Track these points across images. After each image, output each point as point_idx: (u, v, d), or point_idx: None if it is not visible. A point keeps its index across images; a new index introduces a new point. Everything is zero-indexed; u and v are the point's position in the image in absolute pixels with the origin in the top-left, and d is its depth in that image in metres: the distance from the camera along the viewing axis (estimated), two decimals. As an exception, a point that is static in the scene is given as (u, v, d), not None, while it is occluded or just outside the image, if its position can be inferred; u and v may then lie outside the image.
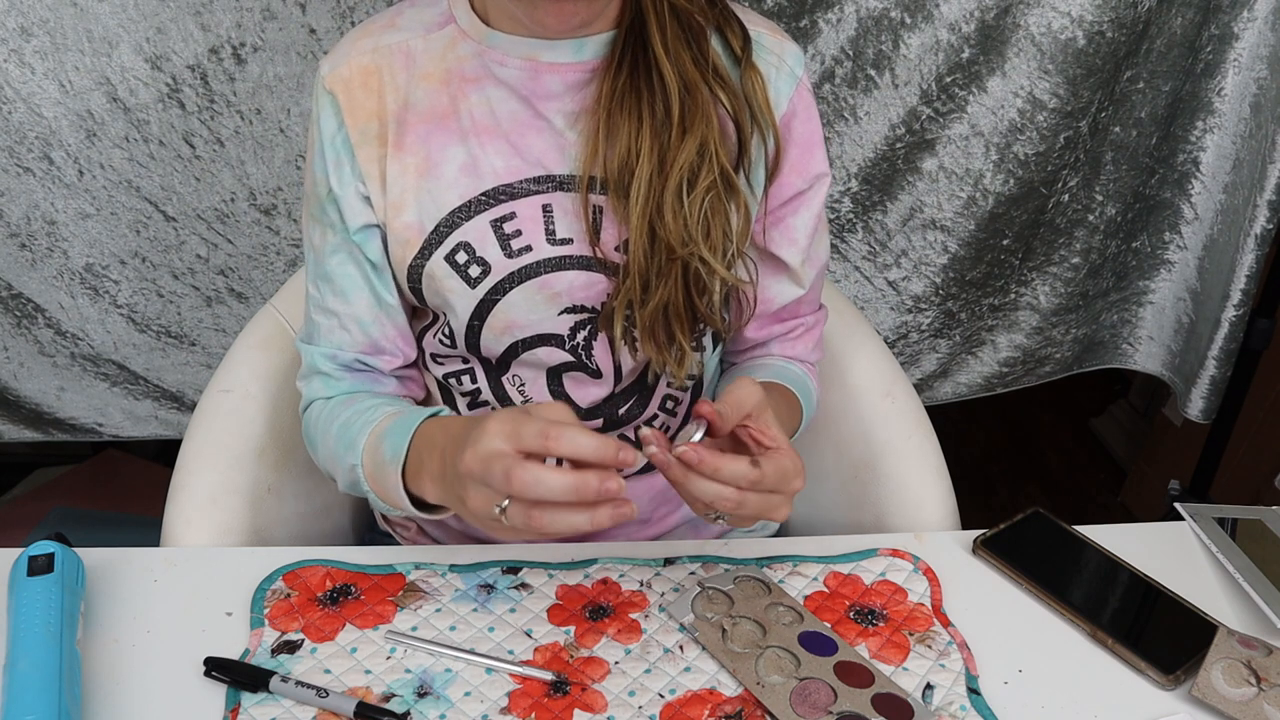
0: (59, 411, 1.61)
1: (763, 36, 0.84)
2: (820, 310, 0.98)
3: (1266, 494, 1.73)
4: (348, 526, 1.09)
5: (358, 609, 0.78)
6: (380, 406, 0.83)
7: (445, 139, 0.82)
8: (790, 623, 0.77)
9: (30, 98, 1.33)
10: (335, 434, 0.84)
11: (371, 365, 0.89)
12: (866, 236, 1.55)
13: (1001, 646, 0.77)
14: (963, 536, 0.87)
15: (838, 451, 1.05)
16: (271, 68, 1.35)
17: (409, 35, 0.82)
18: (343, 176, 0.83)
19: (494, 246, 0.82)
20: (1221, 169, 1.49)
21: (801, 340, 0.96)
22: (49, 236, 1.44)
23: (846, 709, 0.70)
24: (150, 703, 0.70)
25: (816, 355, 0.98)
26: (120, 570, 0.80)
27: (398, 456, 0.75)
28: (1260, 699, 0.71)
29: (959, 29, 1.36)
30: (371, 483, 0.80)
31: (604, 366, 0.87)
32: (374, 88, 0.82)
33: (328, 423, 0.86)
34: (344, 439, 0.83)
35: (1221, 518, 0.90)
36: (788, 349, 0.96)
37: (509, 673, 0.73)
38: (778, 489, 0.69)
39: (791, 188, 0.87)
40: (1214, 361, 1.55)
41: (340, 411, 0.85)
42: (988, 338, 1.67)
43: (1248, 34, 1.39)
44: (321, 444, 0.87)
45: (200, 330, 1.57)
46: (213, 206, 1.45)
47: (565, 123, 0.81)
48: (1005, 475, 2.20)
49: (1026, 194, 1.48)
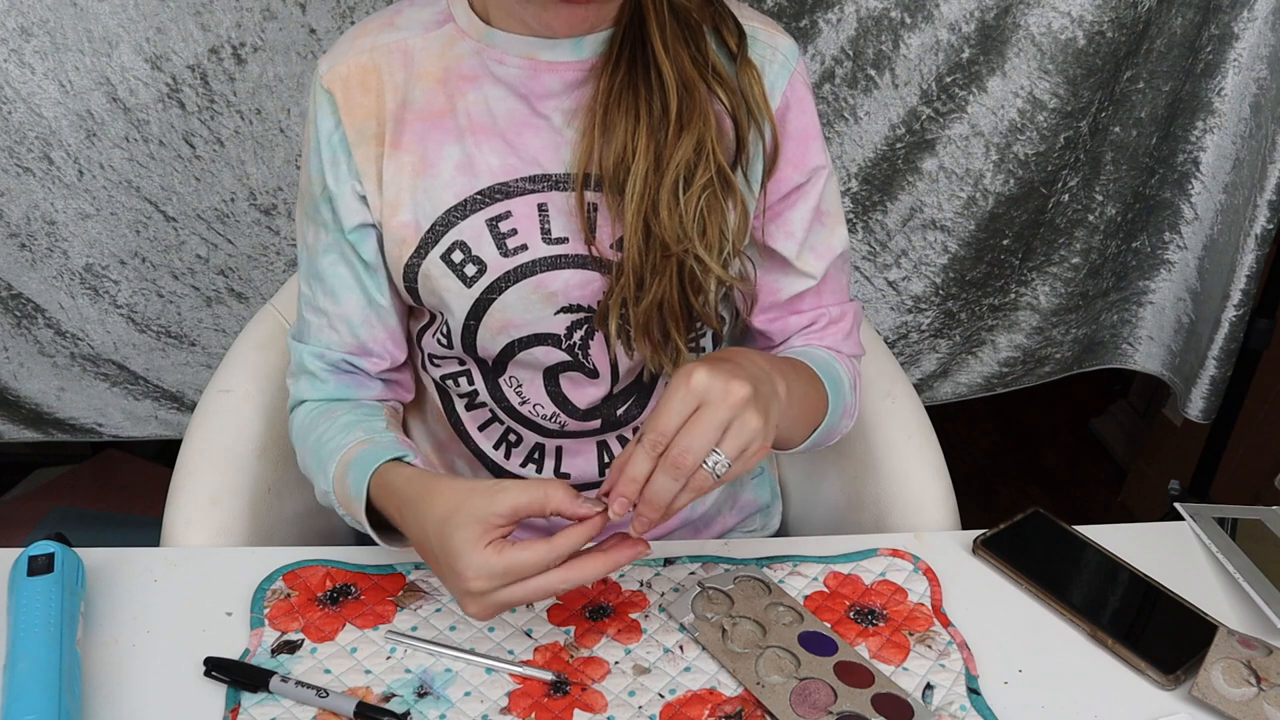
0: (59, 411, 1.61)
1: (757, 31, 0.83)
2: (852, 303, 0.94)
3: (1266, 494, 1.73)
4: (348, 526, 1.09)
5: (358, 609, 0.78)
6: (352, 428, 0.84)
7: (442, 138, 0.82)
8: (790, 623, 0.77)
9: (30, 98, 1.33)
10: (311, 448, 0.86)
11: (358, 366, 0.89)
12: (866, 236, 1.55)
13: (1001, 646, 0.77)
14: (963, 536, 0.87)
15: (838, 451, 1.05)
16: (271, 68, 1.35)
17: (407, 34, 0.82)
18: (339, 175, 0.83)
19: (490, 245, 0.82)
20: (1221, 169, 1.49)
21: (829, 331, 0.91)
22: (49, 236, 1.44)
23: (846, 709, 0.70)
24: (150, 703, 0.70)
25: (850, 347, 0.93)
26: (120, 570, 0.80)
27: (360, 494, 0.77)
28: (1260, 699, 0.71)
29: (959, 29, 1.36)
30: (344, 507, 0.81)
31: (601, 366, 0.87)
32: (372, 87, 0.82)
33: (305, 433, 0.87)
34: (318, 457, 0.84)
35: (1221, 518, 0.90)
36: (814, 340, 0.92)
37: (509, 673, 0.73)
38: (707, 414, 0.63)
39: (789, 182, 0.86)
40: (1214, 361, 1.55)
41: (318, 423, 0.86)
42: (988, 338, 1.67)
43: (1248, 34, 1.39)
44: (300, 451, 0.88)
45: (200, 330, 1.57)
46: (213, 206, 1.45)
47: (563, 120, 0.81)
48: (1005, 475, 2.20)
49: (1026, 194, 1.48)
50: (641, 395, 0.90)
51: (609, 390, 0.89)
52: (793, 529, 1.11)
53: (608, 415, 0.90)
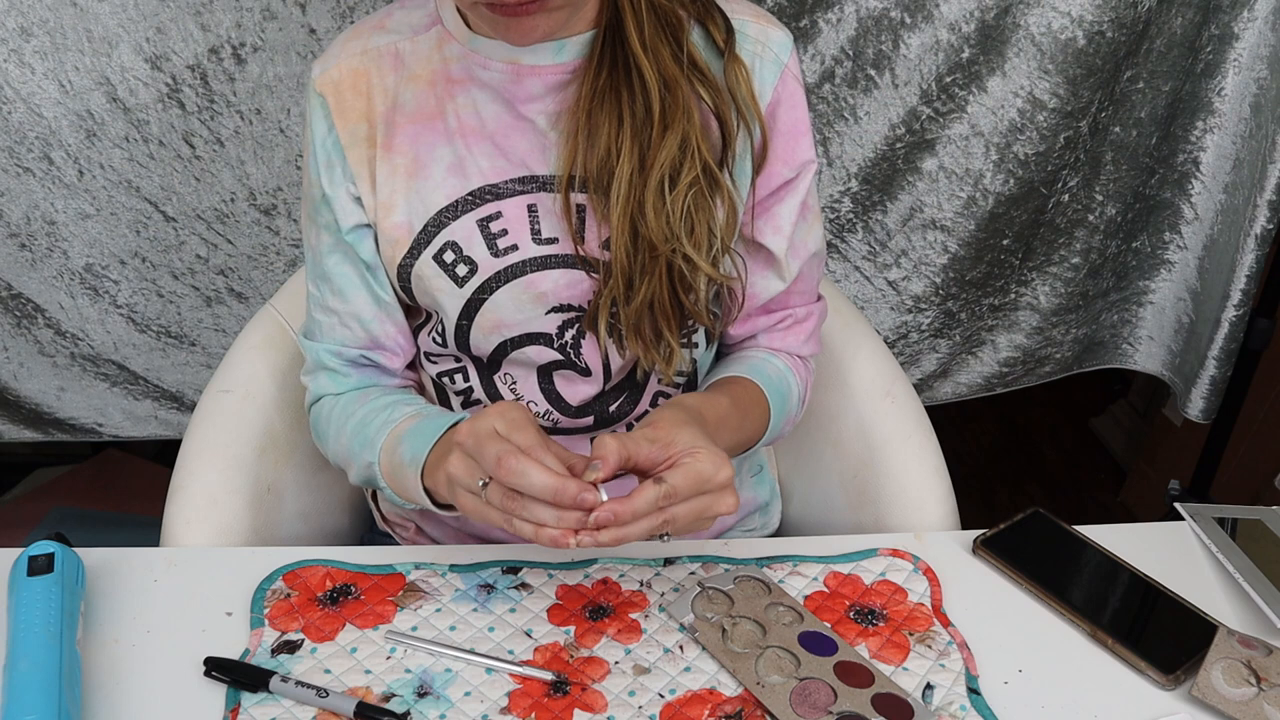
0: (59, 411, 1.61)
1: (747, 25, 0.83)
2: (818, 302, 0.95)
3: (1266, 494, 1.73)
4: (348, 526, 1.09)
5: (358, 609, 0.78)
6: (398, 405, 0.85)
7: (433, 139, 0.82)
8: (790, 623, 0.77)
9: (30, 98, 1.33)
10: (350, 431, 0.86)
11: (375, 361, 0.90)
12: (866, 236, 1.55)
13: (1001, 646, 0.77)
14: (963, 536, 0.87)
15: (838, 451, 1.05)
16: (271, 68, 1.35)
17: (397, 37, 0.83)
18: (334, 178, 0.84)
19: (480, 246, 0.82)
20: (1221, 169, 1.49)
21: (791, 332, 0.94)
22: (49, 236, 1.44)
23: (846, 709, 0.70)
24: (150, 703, 0.70)
25: (809, 349, 0.95)
26: (120, 570, 0.80)
27: (417, 460, 0.77)
28: (1260, 699, 0.71)
29: (959, 29, 1.36)
30: (389, 479, 0.82)
31: (593, 364, 0.87)
32: (363, 90, 0.82)
33: (342, 419, 0.87)
34: (361, 436, 0.84)
35: (1221, 518, 0.90)
36: (775, 341, 0.94)
37: (509, 673, 0.73)
38: (702, 490, 0.69)
39: (779, 177, 0.86)
40: (1214, 361, 1.55)
41: (355, 408, 0.87)
42: (988, 338, 1.67)
43: (1248, 34, 1.39)
44: (334, 439, 0.88)
45: (200, 330, 1.57)
46: (213, 206, 1.45)
47: (547, 123, 0.81)
48: (1005, 475, 2.20)
49: (1026, 194, 1.48)
50: (634, 392, 0.90)
51: (601, 388, 0.89)
52: (792, 529, 1.11)
53: (600, 412, 0.90)
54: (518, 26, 0.72)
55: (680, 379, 0.91)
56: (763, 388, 0.89)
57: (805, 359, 0.96)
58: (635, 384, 0.90)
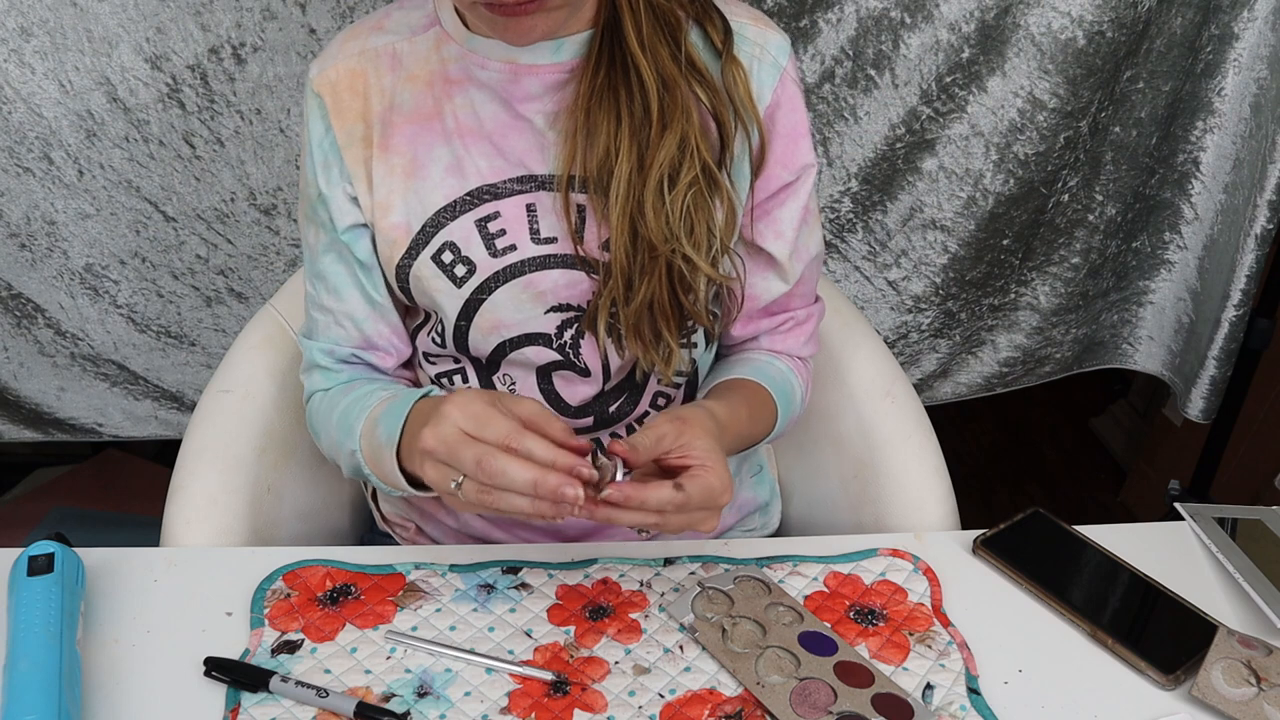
0: (59, 411, 1.61)
1: (745, 28, 0.83)
2: (816, 304, 0.96)
3: (1266, 494, 1.73)
4: (348, 526, 1.09)
5: (358, 609, 0.78)
6: (375, 392, 0.85)
7: (431, 140, 0.82)
8: (790, 623, 0.77)
9: (30, 98, 1.33)
10: (335, 421, 0.86)
11: (367, 360, 0.90)
12: (866, 236, 1.55)
13: (1001, 646, 0.77)
14: (963, 536, 0.87)
15: (838, 451, 1.05)
16: (271, 68, 1.35)
17: (395, 38, 0.83)
18: (331, 178, 0.84)
19: (479, 246, 0.82)
20: (1221, 169, 1.49)
21: (792, 334, 0.94)
22: (49, 236, 1.44)
23: (846, 709, 0.70)
24: (150, 703, 0.70)
25: (809, 350, 0.96)
26: (120, 570, 0.80)
27: (392, 439, 0.77)
28: (1260, 699, 0.71)
29: (959, 29, 1.36)
30: (371, 465, 0.82)
31: (592, 365, 0.87)
32: (359, 90, 0.82)
33: (328, 412, 0.88)
34: (343, 425, 0.84)
35: (1221, 518, 0.90)
36: (777, 343, 0.95)
37: (509, 673, 0.73)
38: (704, 506, 0.71)
39: (778, 180, 0.86)
40: (1214, 361, 1.55)
41: (339, 400, 0.87)
42: (988, 338, 1.67)
43: (1248, 34, 1.39)
44: (324, 433, 0.89)
45: (200, 330, 1.57)
46: (213, 206, 1.45)
47: (545, 123, 0.81)
48: (1005, 475, 2.20)
49: (1026, 194, 1.48)
50: (633, 393, 0.90)
51: (600, 389, 0.89)
52: (792, 528, 1.11)
53: (600, 413, 0.90)
54: (516, 26, 0.72)
55: (679, 379, 0.91)
56: (771, 391, 0.90)
57: (805, 360, 0.97)
58: (635, 384, 0.90)
